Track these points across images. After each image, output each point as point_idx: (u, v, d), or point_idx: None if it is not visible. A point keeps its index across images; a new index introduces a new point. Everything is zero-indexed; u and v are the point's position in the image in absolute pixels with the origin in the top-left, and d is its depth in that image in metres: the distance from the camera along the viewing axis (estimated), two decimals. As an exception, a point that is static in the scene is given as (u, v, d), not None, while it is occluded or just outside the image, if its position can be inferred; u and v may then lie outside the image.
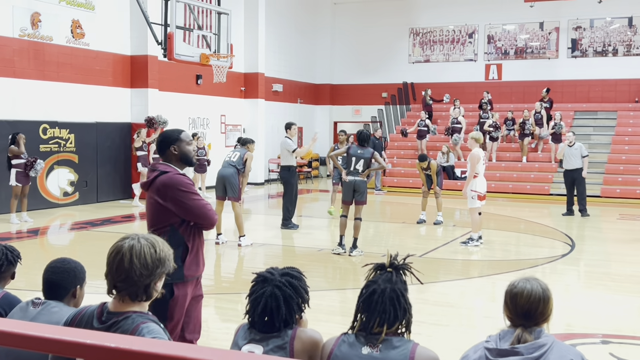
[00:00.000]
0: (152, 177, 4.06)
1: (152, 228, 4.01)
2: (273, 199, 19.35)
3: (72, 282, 3.32)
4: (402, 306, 2.62)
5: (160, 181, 4.00)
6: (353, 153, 10.01)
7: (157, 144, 4.22)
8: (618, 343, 6.10)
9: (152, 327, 2.39)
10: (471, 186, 10.74)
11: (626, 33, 22.96)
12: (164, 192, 3.98)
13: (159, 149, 4.16)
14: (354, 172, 9.95)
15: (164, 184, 3.99)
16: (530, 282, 2.78)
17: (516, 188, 19.12)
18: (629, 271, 9.36)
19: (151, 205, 4.05)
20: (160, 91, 18.00)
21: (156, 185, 4.01)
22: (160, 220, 4.02)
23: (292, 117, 25.54)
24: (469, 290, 8.35)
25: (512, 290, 2.77)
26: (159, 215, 4.02)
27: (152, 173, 4.10)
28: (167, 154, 4.11)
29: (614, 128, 21.29)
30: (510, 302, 2.75)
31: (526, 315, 2.71)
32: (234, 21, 17.36)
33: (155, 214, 4.03)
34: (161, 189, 3.99)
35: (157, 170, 4.08)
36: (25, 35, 14.57)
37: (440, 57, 25.45)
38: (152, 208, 4.05)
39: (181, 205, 3.98)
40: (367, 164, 9.95)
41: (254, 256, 10.39)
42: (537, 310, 2.71)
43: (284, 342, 2.66)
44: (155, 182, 4.01)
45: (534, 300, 2.71)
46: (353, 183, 9.95)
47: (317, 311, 6.55)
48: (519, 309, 2.72)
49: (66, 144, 15.50)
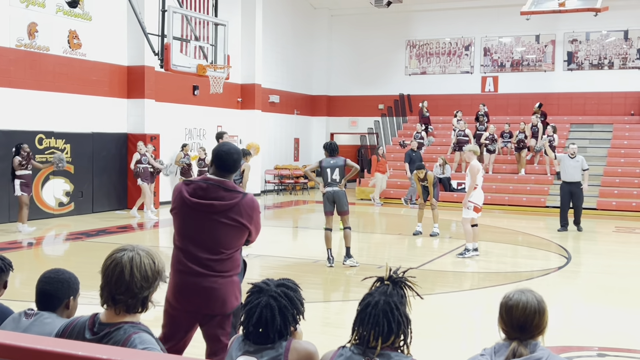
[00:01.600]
0: (232, 198, 3.87)
1: (227, 251, 3.87)
2: (269, 209, 19.32)
3: (66, 293, 3.29)
4: (396, 319, 2.56)
5: (247, 204, 3.89)
6: (326, 165, 10.00)
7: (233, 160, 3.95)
8: (614, 356, 6.09)
9: (145, 337, 2.38)
10: (469, 197, 10.76)
11: (622, 46, 23.08)
12: (250, 214, 3.91)
13: (233, 166, 3.96)
14: (332, 182, 9.96)
15: (251, 207, 3.92)
16: (526, 294, 2.75)
17: (512, 200, 19.13)
18: (625, 284, 9.35)
19: (226, 226, 3.84)
20: (157, 102, 18.00)
21: (241, 207, 3.86)
22: (239, 243, 3.95)
23: (289, 128, 25.62)
24: (465, 302, 8.33)
25: (507, 302, 2.74)
26: (239, 238, 3.93)
27: (225, 193, 3.86)
28: (237, 171, 4.01)
29: (610, 141, 21.35)
30: (506, 314, 2.72)
31: (522, 328, 2.68)
32: (231, 32, 17.38)
33: (234, 236, 3.89)
34: (249, 211, 3.90)
35: (233, 190, 3.91)
36: (22, 46, 14.57)
37: (436, 69, 25.53)
38: (226, 231, 3.85)
39: (258, 227, 4.04)
40: (342, 172, 9.96)
41: (250, 268, 10.32)
42: (533, 323, 2.68)
43: (278, 353, 2.64)
44: (241, 205, 3.86)
45: (529, 312, 2.68)
46: (332, 194, 9.96)
47: (312, 323, 6.53)
48: (514, 322, 2.69)
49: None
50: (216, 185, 3.87)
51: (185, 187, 3.93)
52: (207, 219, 3.83)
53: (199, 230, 3.85)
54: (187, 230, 3.91)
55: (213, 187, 3.87)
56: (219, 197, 3.84)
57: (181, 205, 3.92)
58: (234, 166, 3.94)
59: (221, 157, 3.94)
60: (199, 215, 3.84)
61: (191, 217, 3.87)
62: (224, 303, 3.84)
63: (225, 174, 3.93)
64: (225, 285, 3.86)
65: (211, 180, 3.89)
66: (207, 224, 3.83)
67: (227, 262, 3.86)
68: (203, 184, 3.89)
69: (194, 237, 3.86)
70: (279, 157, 24.81)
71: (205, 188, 3.87)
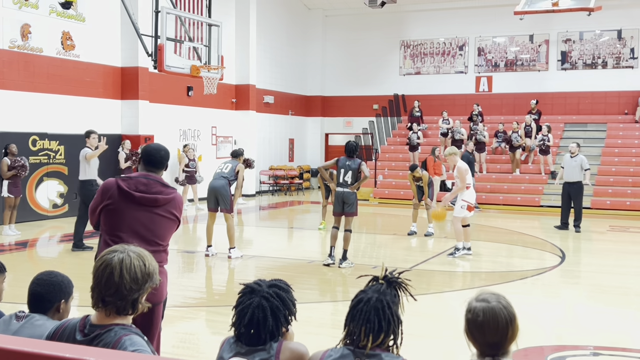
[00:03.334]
0: (170, 193, 4.17)
1: (163, 242, 4.17)
2: (264, 210, 19.29)
3: (57, 296, 3.27)
4: (386, 317, 2.55)
5: (179, 199, 4.23)
6: (341, 165, 10.01)
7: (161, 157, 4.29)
8: (609, 355, 6.09)
9: (135, 340, 2.36)
10: (462, 196, 10.76)
11: (615, 45, 23.13)
12: (180, 208, 4.25)
13: (162, 163, 4.27)
14: (343, 183, 9.94)
15: (180, 202, 4.26)
16: (491, 303, 2.54)
17: (507, 200, 19.16)
18: (619, 283, 9.36)
19: (163, 220, 4.14)
20: (151, 103, 17.97)
21: (177, 202, 4.20)
22: (170, 235, 4.25)
23: (284, 129, 25.60)
24: (459, 302, 8.31)
25: (476, 320, 2.51)
26: (172, 230, 4.24)
27: (163, 188, 4.17)
28: (165, 167, 4.30)
29: (604, 140, 21.40)
30: (477, 333, 2.51)
31: (496, 345, 2.50)
32: (225, 33, 17.37)
33: (169, 229, 4.21)
34: (179, 205, 4.23)
35: (168, 186, 4.23)
36: (15, 47, 14.53)
37: (431, 70, 25.55)
38: (164, 224, 4.15)
39: (180, 222, 4.31)
40: (354, 176, 9.93)
41: (244, 268, 10.34)
42: (507, 337, 2.51)
43: (269, 355, 2.63)
44: (176, 199, 4.19)
45: (502, 327, 2.49)
46: (342, 195, 9.94)
47: (307, 324, 6.51)
48: (488, 340, 2.49)
49: (56, 155, 15.43)
50: (155, 180, 4.16)
51: (124, 182, 4.12)
52: (149, 212, 4.08)
53: (140, 223, 4.07)
54: (126, 224, 4.07)
55: (153, 182, 4.14)
56: (159, 191, 4.12)
57: (122, 200, 4.08)
58: (162, 162, 4.25)
59: (150, 154, 4.23)
60: (142, 208, 4.07)
61: (133, 210, 4.07)
62: (158, 293, 4.01)
63: (155, 170, 4.22)
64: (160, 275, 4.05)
65: (150, 176, 4.16)
66: (148, 217, 4.08)
67: (162, 253, 4.13)
68: (144, 179, 4.13)
69: (133, 230, 4.05)
70: (274, 157, 24.80)
71: (147, 183, 4.12)
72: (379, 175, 21.61)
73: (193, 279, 9.80)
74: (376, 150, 23.95)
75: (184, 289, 8.69)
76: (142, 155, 4.25)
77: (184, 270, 10.31)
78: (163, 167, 4.27)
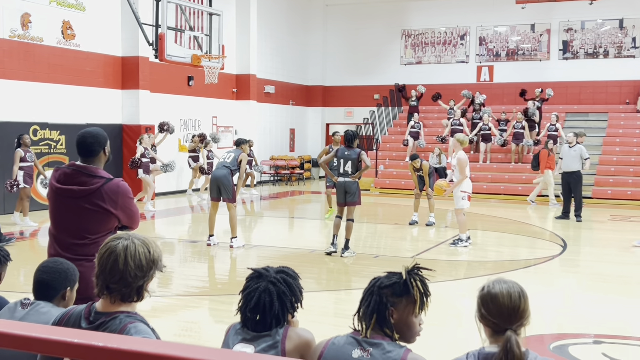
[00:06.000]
0: (93, 183, 3.87)
1: (92, 236, 3.87)
2: (265, 200, 19.31)
3: (63, 284, 3.27)
4: (380, 304, 2.57)
5: (110, 189, 3.89)
6: (341, 155, 10.01)
7: (87, 144, 4.00)
8: (610, 343, 6.10)
9: (140, 327, 2.36)
10: (460, 187, 10.77)
11: (617, 35, 23.05)
12: (114, 199, 3.90)
13: (90, 150, 3.99)
14: (344, 173, 9.95)
15: (115, 192, 3.91)
16: (504, 281, 2.61)
17: (508, 189, 19.14)
18: (620, 272, 9.38)
19: (88, 211, 3.85)
20: (152, 92, 17.94)
21: (104, 192, 3.87)
22: (104, 228, 3.93)
23: (285, 119, 25.57)
24: (462, 291, 8.35)
25: (490, 292, 2.57)
26: (102, 224, 3.92)
27: (87, 178, 3.89)
28: (100, 155, 4.01)
29: (605, 129, 21.37)
30: (492, 305, 2.54)
31: (511, 316, 2.53)
32: (225, 22, 17.32)
33: (97, 221, 3.90)
34: (112, 196, 3.89)
35: (96, 175, 3.91)
36: (15, 36, 14.49)
37: (432, 59, 25.48)
38: (90, 216, 3.87)
39: (128, 213, 3.99)
40: (354, 165, 9.93)
41: (246, 257, 10.35)
42: (520, 308, 2.55)
43: (275, 341, 2.63)
44: (103, 190, 3.87)
45: (515, 298, 2.55)
46: (344, 184, 9.95)
47: (309, 312, 6.52)
48: (503, 310, 2.53)
49: (57, 145, 15.43)
50: (78, 170, 3.95)
51: (55, 173, 4.04)
52: (69, 204, 3.91)
53: (62, 215, 3.96)
54: (54, 216, 4.02)
55: (76, 172, 3.95)
56: (80, 182, 3.90)
57: (49, 192, 4.04)
58: (89, 150, 3.99)
59: (77, 143, 4.04)
60: (62, 200, 3.94)
61: (56, 202, 3.98)
62: (88, 286, 3.83)
63: (86, 159, 4.00)
64: (91, 268, 3.83)
65: (74, 166, 3.99)
66: (69, 209, 3.91)
67: (91, 246, 3.85)
68: (67, 169, 3.99)
69: (60, 222, 3.98)
70: (275, 147, 24.78)
71: (69, 174, 3.96)
72: (380, 165, 21.60)
73: (195, 268, 9.82)
74: (377, 140, 23.93)
75: (187, 278, 8.71)
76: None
77: (187, 260, 10.33)
78: (93, 155, 3.97)
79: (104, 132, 4.13)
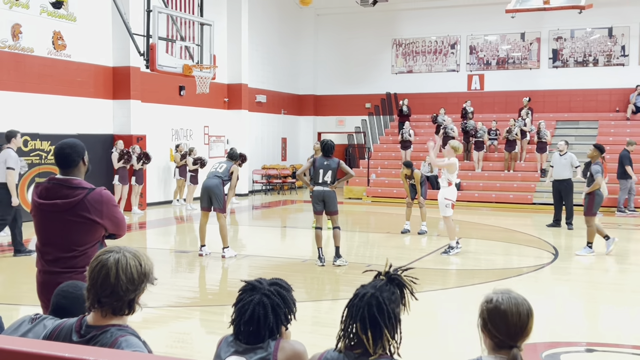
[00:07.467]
0: (76, 195, 3.85)
1: (79, 247, 3.86)
2: (257, 210, 19.27)
3: (81, 309, 3.25)
4: (382, 315, 2.47)
5: (93, 199, 3.87)
6: (319, 165, 10.00)
7: (65, 155, 3.94)
8: (602, 351, 6.12)
9: (132, 340, 2.36)
10: (444, 195, 10.83)
11: (606, 43, 23.22)
12: (99, 209, 3.89)
13: (69, 160, 3.93)
14: (323, 183, 9.96)
15: (99, 201, 3.89)
16: (511, 295, 2.56)
17: (499, 197, 19.19)
18: (612, 279, 9.41)
19: (74, 224, 3.84)
20: (143, 102, 17.92)
21: (87, 203, 3.85)
22: (91, 238, 3.93)
23: (277, 128, 25.58)
24: (453, 300, 8.34)
25: (499, 307, 2.51)
26: (90, 234, 3.92)
27: (69, 190, 3.86)
28: (79, 165, 3.97)
29: (596, 137, 21.45)
30: (500, 321, 2.50)
31: (518, 334, 2.50)
32: (217, 32, 17.34)
33: (84, 233, 3.90)
34: (97, 206, 3.88)
35: (77, 187, 3.89)
36: (6, 47, 14.45)
37: (423, 68, 25.58)
38: (77, 228, 3.86)
39: (114, 221, 3.98)
40: (334, 174, 9.95)
41: (238, 267, 10.33)
42: (528, 326, 2.53)
43: (267, 353, 2.62)
44: (86, 200, 3.85)
45: (524, 316, 2.51)
46: (322, 194, 9.96)
47: (301, 322, 6.50)
48: (511, 329, 2.49)
49: (47, 156, 15.35)
50: (59, 184, 3.92)
51: (36, 189, 4.01)
52: (54, 219, 3.89)
53: (48, 230, 3.94)
54: (40, 231, 4.01)
55: (56, 186, 3.92)
56: (62, 195, 3.88)
57: (33, 208, 4.02)
58: (67, 161, 3.95)
59: (55, 155, 3.99)
60: (47, 215, 3.92)
61: (41, 217, 3.97)
62: None
63: (66, 170, 3.96)
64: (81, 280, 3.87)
65: (54, 180, 3.95)
66: (55, 223, 3.89)
67: (80, 258, 3.87)
68: (48, 184, 3.96)
69: (47, 237, 3.96)
70: (267, 156, 24.78)
71: (50, 188, 3.93)
72: (372, 173, 21.62)
73: (187, 278, 9.78)
74: (369, 148, 23.96)
75: (178, 289, 8.67)
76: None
77: (178, 270, 10.29)
78: (72, 165, 3.93)
79: (81, 142, 4.09)
